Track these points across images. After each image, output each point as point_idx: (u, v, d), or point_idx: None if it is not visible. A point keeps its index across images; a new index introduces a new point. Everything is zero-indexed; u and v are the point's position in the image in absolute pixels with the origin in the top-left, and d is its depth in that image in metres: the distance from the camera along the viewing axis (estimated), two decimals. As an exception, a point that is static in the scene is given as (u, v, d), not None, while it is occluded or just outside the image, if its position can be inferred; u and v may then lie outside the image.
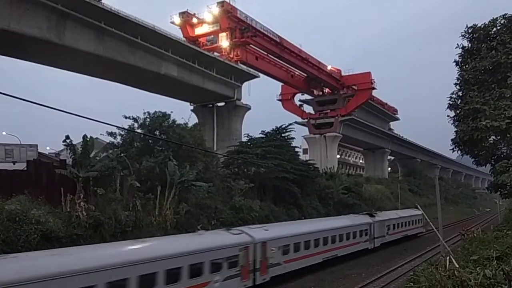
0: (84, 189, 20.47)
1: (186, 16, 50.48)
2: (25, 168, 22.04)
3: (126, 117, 28.15)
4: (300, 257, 23.09)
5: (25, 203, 17.69)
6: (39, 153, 30.98)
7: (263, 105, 76.48)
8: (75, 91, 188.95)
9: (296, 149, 41.79)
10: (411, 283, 12.38)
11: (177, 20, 50.62)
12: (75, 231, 18.56)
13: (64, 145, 22.24)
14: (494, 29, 26.11)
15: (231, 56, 50.08)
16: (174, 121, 29.40)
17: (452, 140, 27.49)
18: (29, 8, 30.85)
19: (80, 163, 21.14)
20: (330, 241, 26.29)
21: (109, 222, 19.95)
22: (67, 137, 21.66)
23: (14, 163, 27.38)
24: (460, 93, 27.08)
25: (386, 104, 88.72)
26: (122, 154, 25.67)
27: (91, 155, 22.27)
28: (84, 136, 21.90)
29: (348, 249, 28.65)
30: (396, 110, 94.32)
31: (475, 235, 18.59)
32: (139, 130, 28.32)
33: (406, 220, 39.81)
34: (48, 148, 42.81)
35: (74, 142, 22.08)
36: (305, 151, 71.89)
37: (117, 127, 26.44)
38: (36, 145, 30.34)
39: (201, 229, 24.13)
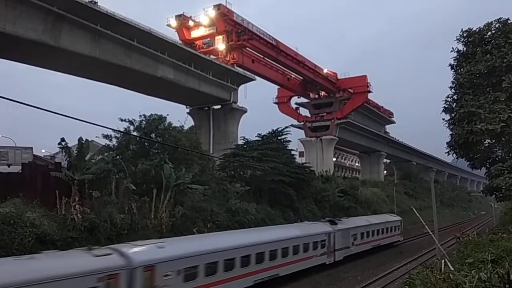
0: (79, 192, 20.38)
1: (182, 19, 50.51)
2: (20, 171, 21.93)
3: (122, 120, 28.13)
4: (217, 282, 17.13)
5: (20, 206, 17.59)
6: (34, 155, 30.92)
7: (259, 108, 76.57)
8: (73, 92, 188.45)
9: (292, 152, 41.77)
10: (406, 286, 12.40)
11: (174, 22, 50.62)
12: (70, 234, 18.47)
13: (60, 147, 22.16)
14: (489, 33, 26.25)
15: (227, 59, 50.11)
16: (170, 123, 29.36)
17: (447, 143, 27.57)
18: (25, 10, 30.77)
19: (76, 165, 21.06)
20: (268, 257, 20.82)
21: (104, 225, 19.88)
22: (62, 139, 21.62)
23: (9, 165, 27.31)
24: (455, 97, 27.19)
25: (382, 107, 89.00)
26: (118, 157, 25.58)
27: (87, 158, 22.20)
28: (80, 139, 21.82)
29: (295, 266, 23.18)
30: (392, 113, 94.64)
31: (470, 238, 18.62)
32: (135, 133, 28.26)
33: (378, 228, 35.14)
34: (43, 150, 42.77)
35: (69, 145, 22.02)
36: (301, 154, 71.91)
37: (112, 129, 26.37)
38: (31, 148, 30.31)
39: (197, 232, 24.13)
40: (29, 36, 31.33)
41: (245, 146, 37.75)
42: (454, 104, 26.88)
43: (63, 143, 21.64)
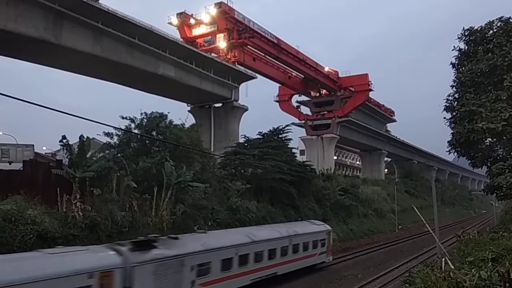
0: (81, 189, 20.40)
1: (183, 17, 50.46)
2: (21, 168, 21.97)
3: (123, 118, 28.12)
4: None
5: (21, 203, 17.63)
6: (36, 153, 30.95)
7: (260, 106, 76.51)
8: (73, 90, 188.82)
9: (293, 150, 41.77)
10: (406, 285, 12.44)
11: (175, 20, 50.59)
12: (71, 232, 18.51)
13: (61, 145, 22.18)
14: (491, 31, 26.16)
15: (229, 57, 50.07)
16: (171, 121, 29.35)
17: (448, 142, 27.48)
18: (26, 8, 30.74)
19: (77, 163, 21.07)
20: None
21: (105, 222, 19.91)
22: (64, 137, 21.61)
23: (10, 163, 27.31)
24: (456, 95, 27.10)
25: (383, 105, 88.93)
26: (119, 155, 25.63)
27: (88, 155, 22.22)
28: (81, 136, 21.84)
29: None
30: (393, 112, 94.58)
31: (471, 236, 18.64)
32: (136, 131, 28.27)
33: (274, 246, 21.96)
34: (44, 148, 42.90)
35: (70, 142, 22.04)
36: (302, 152, 71.96)
37: (114, 127, 26.38)
38: (33, 145, 30.31)
39: (198, 229, 24.16)
40: (30, 34, 31.33)
41: (246, 144, 37.74)
42: (456, 102, 26.80)
43: (64, 141, 21.64)
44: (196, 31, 51.27)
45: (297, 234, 24.07)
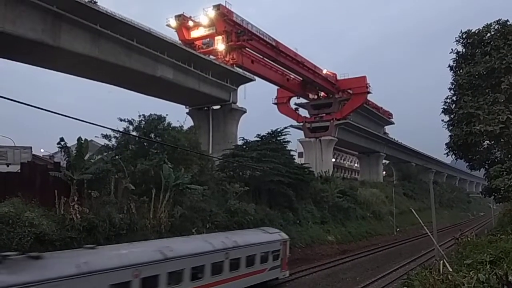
0: (78, 191, 20.37)
1: (182, 19, 50.49)
2: (19, 171, 21.93)
3: (121, 120, 28.10)
4: None
5: (18, 205, 17.55)
6: (33, 155, 30.93)
7: (258, 108, 76.60)
8: (71, 91, 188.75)
9: (292, 153, 41.82)
10: (405, 287, 12.42)
11: (173, 23, 50.62)
12: (68, 234, 18.45)
13: (59, 147, 22.14)
14: (488, 34, 26.26)
15: (227, 59, 50.10)
16: (169, 124, 29.34)
17: (446, 144, 27.54)
18: (24, 10, 30.71)
19: (75, 165, 21.05)
20: None
21: (103, 225, 19.85)
22: (62, 139, 21.60)
23: (8, 165, 27.30)
24: (454, 98, 27.19)
25: (381, 108, 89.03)
26: (117, 157, 25.57)
27: (86, 158, 22.22)
28: (79, 139, 21.81)
29: None
30: (391, 114, 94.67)
31: (469, 239, 18.63)
32: (134, 133, 28.24)
33: (205, 262, 17.12)
34: (42, 150, 42.79)
35: (68, 145, 22.01)
36: (300, 155, 71.98)
37: (112, 129, 26.35)
38: (30, 147, 30.29)
39: (195, 232, 24.12)
40: (28, 36, 31.28)
41: (244, 147, 37.76)
42: (453, 105, 26.89)
43: (62, 143, 21.64)
44: (195, 33, 51.31)
45: (237, 246, 18.76)
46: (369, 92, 72.33)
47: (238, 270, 18.79)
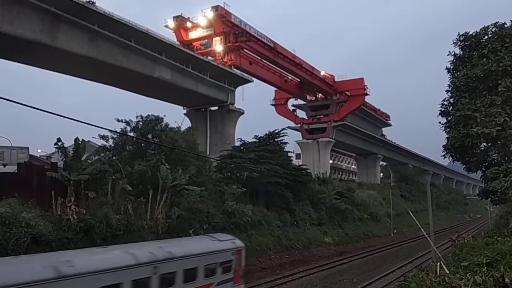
0: (75, 192, 20.29)
1: (180, 20, 50.55)
2: (16, 171, 21.86)
3: (118, 120, 28.03)
4: None
5: (15, 206, 17.46)
6: (30, 155, 30.78)
7: (256, 110, 76.59)
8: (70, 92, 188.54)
9: (289, 154, 41.83)
10: (402, 289, 12.41)
11: (171, 24, 50.67)
12: (65, 235, 18.36)
13: (56, 148, 22.07)
14: (486, 37, 26.33)
15: (225, 60, 50.14)
16: (167, 124, 29.29)
17: (443, 146, 27.59)
18: (22, 10, 30.68)
19: (72, 166, 20.97)
20: None
21: (100, 225, 19.77)
22: (59, 139, 21.51)
23: (4, 165, 27.17)
24: (451, 100, 27.24)
25: (379, 110, 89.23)
26: (114, 158, 25.49)
27: (83, 158, 22.11)
28: (76, 139, 21.74)
29: None
30: (388, 116, 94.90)
31: (465, 241, 18.65)
32: (131, 134, 28.19)
33: (123, 280, 12.23)
34: (39, 150, 42.61)
35: (65, 145, 21.94)
36: (298, 156, 72.00)
37: (109, 130, 26.28)
38: (27, 148, 30.13)
39: (193, 234, 24.08)
40: (26, 36, 31.25)
41: (242, 148, 37.72)
42: (451, 107, 26.94)
43: (59, 143, 21.55)
44: (193, 35, 51.36)
45: (171, 258, 14.54)
46: (366, 94, 72.52)
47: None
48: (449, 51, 27.54)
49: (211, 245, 17.44)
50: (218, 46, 49.98)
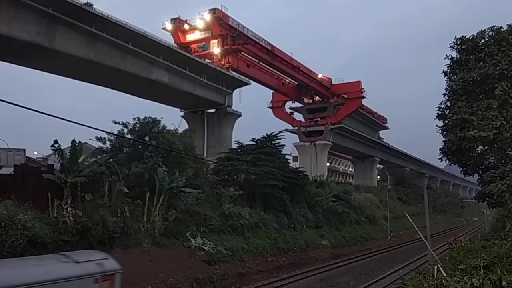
0: (72, 194, 20.21)
1: (177, 23, 50.53)
2: (12, 173, 21.77)
3: (115, 122, 28.01)
4: None
5: (11, 208, 17.40)
6: (27, 157, 30.67)
7: (253, 112, 76.80)
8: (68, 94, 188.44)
9: (286, 157, 41.80)
10: (399, 292, 12.40)
11: (169, 26, 50.64)
12: (61, 237, 18.29)
13: (52, 149, 22.00)
14: (482, 40, 26.39)
15: (222, 63, 50.15)
16: (164, 127, 29.27)
17: (440, 149, 27.60)
18: (19, 12, 30.61)
19: (68, 168, 20.91)
20: None
21: (96, 228, 19.70)
22: (55, 141, 21.46)
23: (1, 167, 27.08)
24: (448, 103, 27.27)
25: (376, 113, 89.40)
26: (111, 160, 25.47)
27: (80, 160, 22.05)
28: (73, 141, 21.69)
29: None
30: (385, 119, 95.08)
31: (462, 244, 18.66)
32: (128, 136, 28.15)
33: None
34: (36, 152, 42.39)
35: (62, 147, 21.88)
36: (295, 159, 72.07)
37: (106, 132, 26.28)
38: (24, 150, 30.07)
39: (190, 236, 24.05)
40: (23, 38, 31.16)
41: (239, 150, 37.71)
42: (448, 110, 26.96)
43: (56, 145, 21.50)
44: (190, 37, 51.35)
45: None
46: (364, 97, 72.68)
47: None
48: (446, 55, 27.61)
49: (57, 271, 10.83)
50: (215, 48, 50.00)
